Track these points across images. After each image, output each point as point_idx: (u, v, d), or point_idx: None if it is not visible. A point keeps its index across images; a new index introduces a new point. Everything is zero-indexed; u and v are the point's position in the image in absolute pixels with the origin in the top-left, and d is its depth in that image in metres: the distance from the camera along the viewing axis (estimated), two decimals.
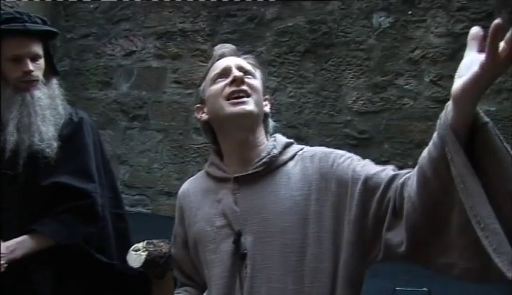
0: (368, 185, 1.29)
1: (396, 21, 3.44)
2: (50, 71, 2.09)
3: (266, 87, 1.60)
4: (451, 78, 3.22)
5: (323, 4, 3.57)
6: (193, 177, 1.67)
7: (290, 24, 3.60)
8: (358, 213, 1.29)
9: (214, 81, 1.50)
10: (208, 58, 3.78)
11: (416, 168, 1.16)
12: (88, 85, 4.03)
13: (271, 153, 1.46)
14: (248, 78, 1.49)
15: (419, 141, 3.35)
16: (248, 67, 1.53)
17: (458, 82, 1.01)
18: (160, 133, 3.83)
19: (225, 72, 1.49)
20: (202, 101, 1.55)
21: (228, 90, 1.45)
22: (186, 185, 1.64)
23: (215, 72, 1.51)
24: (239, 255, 1.40)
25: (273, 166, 1.46)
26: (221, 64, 1.51)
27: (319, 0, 3.57)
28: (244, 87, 1.45)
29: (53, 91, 2.06)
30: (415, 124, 3.37)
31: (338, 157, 1.41)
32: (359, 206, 1.29)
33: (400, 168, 3.28)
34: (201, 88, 1.57)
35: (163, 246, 1.47)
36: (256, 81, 1.51)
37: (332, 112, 3.50)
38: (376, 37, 3.47)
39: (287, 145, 1.51)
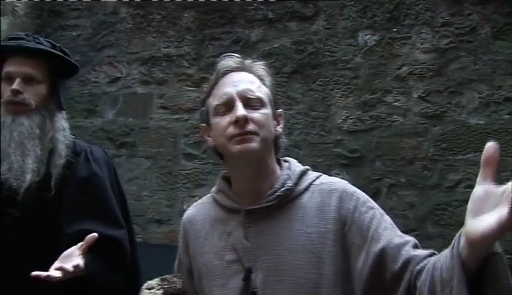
0: (387, 254, 1.23)
1: (382, 39, 3.45)
2: (54, 103, 1.89)
3: (276, 100, 1.45)
4: (439, 93, 3.25)
5: (308, 25, 3.57)
6: (199, 201, 1.55)
7: (275, 45, 3.59)
8: (371, 276, 1.23)
9: (217, 112, 1.38)
10: (194, 82, 3.79)
11: (431, 269, 1.12)
12: (73, 113, 3.94)
13: (286, 186, 1.36)
14: (254, 110, 1.35)
15: (410, 158, 3.34)
16: (255, 91, 1.37)
17: (475, 228, 0.93)
18: (149, 159, 3.76)
19: (228, 105, 1.35)
20: (208, 123, 1.43)
21: (232, 131, 1.33)
22: (192, 211, 1.54)
23: (217, 103, 1.38)
24: (248, 294, 1.32)
25: (287, 198, 1.36)
26: (223, 91, 1.37)
27: (304, 21, 3.57)
28: (249, 127, 1.32)
29: (50, 123, 1.86)
30: (405, 140, 3.36)
31: (360, 203, 1.33)
32: (373, 268, 1.23)
33: (393, 185, 3.31)
34: (204, 109, 1.44)
35: (176, 282, 1.39)
36: (263, 112, 1.36)
37: (321, 132, 3.48)
38: (363, 55, 3.47)
39: (302, 174, 1.41)
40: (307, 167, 1.46)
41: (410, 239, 1.26)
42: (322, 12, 3.56)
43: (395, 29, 3.44)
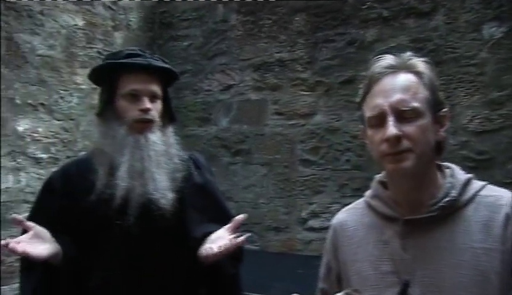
0: None
1: (510, 30, 3.21)
2: (168, 117, 1.93)
3: (439, 99, 1.29)
4: None
5: (426, 20, 3.40)
6: (350, 206, 1.49)
7: (392, 44, 3.44)
8: None
9: (370, 124, 1.30)
10: (309, 86, 3.74)
11: None
12: (187, 122, 4.04)
13: (449, 196, 1.26)
14: (408, 123, 1.24)
15: None
16: (409, 101, 1.23)
17: None
18: (265, 166, 3.76)
19: (380, 118, 1.26)
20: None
21: (384, 149, 1.25)
22: (343, 216, 1.47)
23: (369, 115, 1.29)
24: None
25: (450, 209, 1.26)
26: (375, 102, 1.27)
27: (422, 17, 3.40)
28: (402, 146, 1.23)
29: (167, 138, 1.90)
30: None
31: None
32: None
33: None
34: (361, 114, 1.36)
35: None
36: (419, 123, 1.24)
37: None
38: (489, 49, 3.24)
39: (466, 183, 1.31)
40: (471, 175, 1.35)
41: None
42: (441, 6, 3.38)
43: None
